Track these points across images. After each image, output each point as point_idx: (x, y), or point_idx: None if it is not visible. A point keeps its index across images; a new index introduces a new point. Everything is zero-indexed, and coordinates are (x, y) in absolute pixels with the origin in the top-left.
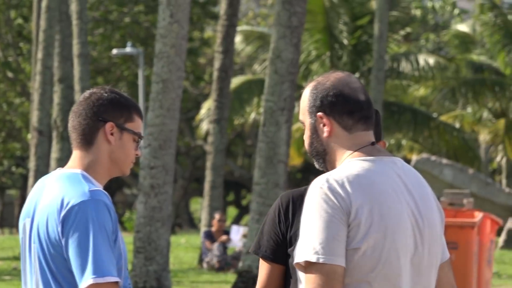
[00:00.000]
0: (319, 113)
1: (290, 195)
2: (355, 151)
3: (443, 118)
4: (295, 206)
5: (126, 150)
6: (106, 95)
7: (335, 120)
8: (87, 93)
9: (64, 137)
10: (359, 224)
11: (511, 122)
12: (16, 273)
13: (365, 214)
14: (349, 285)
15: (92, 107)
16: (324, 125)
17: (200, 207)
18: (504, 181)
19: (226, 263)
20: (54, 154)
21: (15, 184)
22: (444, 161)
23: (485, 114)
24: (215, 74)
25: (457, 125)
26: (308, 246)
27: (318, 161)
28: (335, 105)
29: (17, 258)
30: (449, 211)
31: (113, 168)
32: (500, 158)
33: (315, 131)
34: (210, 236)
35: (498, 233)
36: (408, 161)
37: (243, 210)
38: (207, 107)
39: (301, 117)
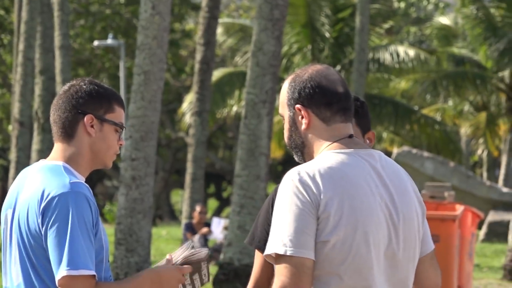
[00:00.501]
0: (298, 105)
1: None
2: (332, 143)
3: (425, 111)
4: None
5: (107, 141)
6: (85, 87)
7: (313, 112)
8: (66, 86)
9: (45, 128)
10: (328, 216)
11: (492, 116)
12: None
13: (334, 207)
14: (320, 278)
15: (71, 100)
16: (302, 117)
17: (181, 199)
18: (485, 174)
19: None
20: (35, 146)
21: None
22: (425, 154)
23: (466, 107)
24: (197, 66)
25: (439, 118)
26: (277, 238)
27: (296, 154)
28: (312, 97)
29: None
30: (430, 204)
31: (95, 160)
32: (481, 151)
33: (293, 123)
34: (191, 228)
35: (479, 226)
36: (389, 153)
37: (224, 202)
38: (189, 100)
39: (280, 111)
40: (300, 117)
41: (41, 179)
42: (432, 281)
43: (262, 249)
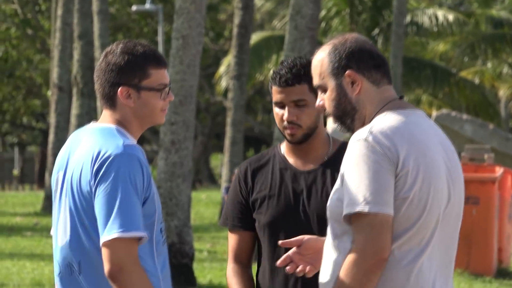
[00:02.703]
0: (348, 71)
1: (247, 163)
2: (386, 104)
3: (463, 73)
4: (253, 172)
5: (149, 106)
6: (115, 58)
7: (365, 76)
8: (102, 54)
9: (84, 93)
10: (407, 173)
11: None
12: (37, 229)
13: (411, 164)
14: (395, 234)
15: (105, 72)
16: (353, 83)
17: (220, 163)
18: None
19: None
20: (74, 110)
21: (35, 141)
22: (464, 116)
23: (505, 69)
24: (235, 30)
25: (477, 80)
26: (358, 197)
27: (345, 121)
28: (362, 61)
29: (38, 214)
30: (470, 167)
31: (143, 123)
32: None
33: (342, 90)
34: None
35: None
36: (428, 116)
37: None
38: (226, 63)
39: (319, 82)
40: (350, 83)
41: (95, 140)
42: None
43: (236, 227)
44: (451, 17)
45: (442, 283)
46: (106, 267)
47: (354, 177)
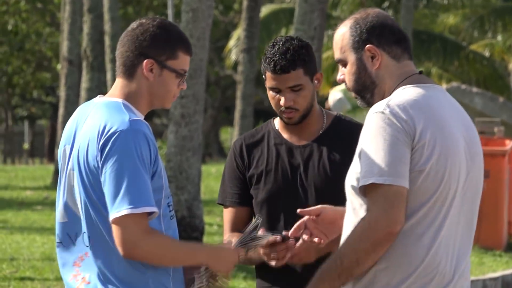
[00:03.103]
0: (368, 46)
1: (242, 138)
2: (406, 78)
3: (473, 47)
4: (248, 148)
5: (166, 86)
6: (151, 29)
7: (385, 51)
8: (135, 23)
9: (93, 66)
10: (423, 145)
11: None
12: (47, 203)
13: (428, 136)
14: (411, 207)
15: (135, 40)
16: (373, 57)
17: (230, 136)
18: None
19: None
20: (84, 84)
21: (45, 114)
22: (474, 89)
23: None
24: (245, 3)
25: (487, 54)
26: (373, 169)
27: (364, 96)
28: (383, 36)
29: (48, 188)
30: (480, 140)
31: (153, 101)
32: None
33: (362, 65)
34: None
35: None
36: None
37: None
38: (236, 37)
39: (339, 56)
40: (370, 57)
41: (101, 115)
42: None
43: (235, 204)
44: None
45: (461, 258)
46: (119, 246)
47: (370, 149)
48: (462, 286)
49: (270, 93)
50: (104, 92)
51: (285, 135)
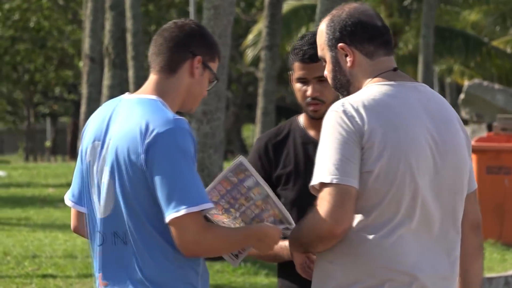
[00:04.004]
0: (340, 44)
1: (266, 138)
2: (376, 76)
3: (495, 43)
4: (274, 147)
5: (202, 87)
6: (198, 30)
7: (357, 49)
8: (179, 21)
9: (115, 64)
10: (372, 146)
11: None
12: None
13: (379, 137)
14: (364, 208)
15: (185, 36)
16: (346, 56)
17: (252, 133)
18: None
19: None
20: (106, 81)
21: (67, 112)
22: (496, 86)
23: None
24: (267, 1)
25: (509, 50)
26: (323, 168)
27: (342, 93)
28: (355, 34)
29: (70, 185)
30: (502, 136)
31: (186, 101)
32: None
33: (337, 63)
34: None
35: None
36: (460, 86)
37: None
38: (255, 32)
39: (320, 53)
40: (344, 55)
41: (141, 112)
42: (477, 217)
43: None
44: None
45: (431, 258)
46: (181, 246)
47: (322, 148)
48: (436, 285)
49: (297, 85)
50: (126, 89)
51: (311, 132)
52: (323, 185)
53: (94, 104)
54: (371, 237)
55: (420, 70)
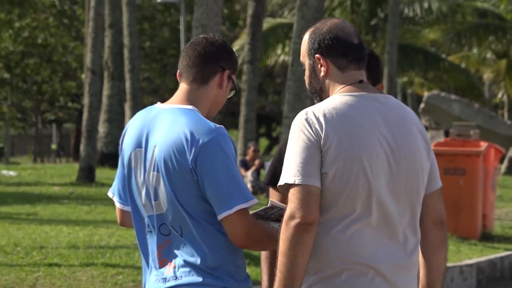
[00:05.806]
0: (317, 55)
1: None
2: (343, 87)
3: (451, 58)
4: None
5: (225, 98)
6: (226, 45)
7: (331, 61)
8: (209, 37)
9: (114, 76)
10: (328, 151)
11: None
12: (73, 197)
13: (334, 143)
14: (323, 206)
15: (216, 51)
16: (321, 66)
17: (235, 138)
18: (506, 115)
19: (259, 188)
20: (105, 92)
21: (71, 118)
22: (453, 96)
23: (489, 54)
24: (248, 20)
25: (463, 65)
26: (287, 170)
27: (316, 98)
28: (331, 47)
29: (73, 184)
30: (458, 141)
31: (211, 109)
32: (501, 95)
33: (313, 71)
34: (244, 164)
35: (501, 161)
36: (420, 96)
37: (274, 141)
38: (236, 47)
39: (301, 59)
40: (319, 65)
41: (184, 122)
42: (440, 213)
43: (271, 185)
44: (436, 6)
45: (388, 250)
46: (235, 239)
47: (288, 152)
48: (392, 274)
49: None
50: (123, 99)
51: None
52: (288, 185)
53: (95, 112)
54: (329, 231)
55: (385, 82)
